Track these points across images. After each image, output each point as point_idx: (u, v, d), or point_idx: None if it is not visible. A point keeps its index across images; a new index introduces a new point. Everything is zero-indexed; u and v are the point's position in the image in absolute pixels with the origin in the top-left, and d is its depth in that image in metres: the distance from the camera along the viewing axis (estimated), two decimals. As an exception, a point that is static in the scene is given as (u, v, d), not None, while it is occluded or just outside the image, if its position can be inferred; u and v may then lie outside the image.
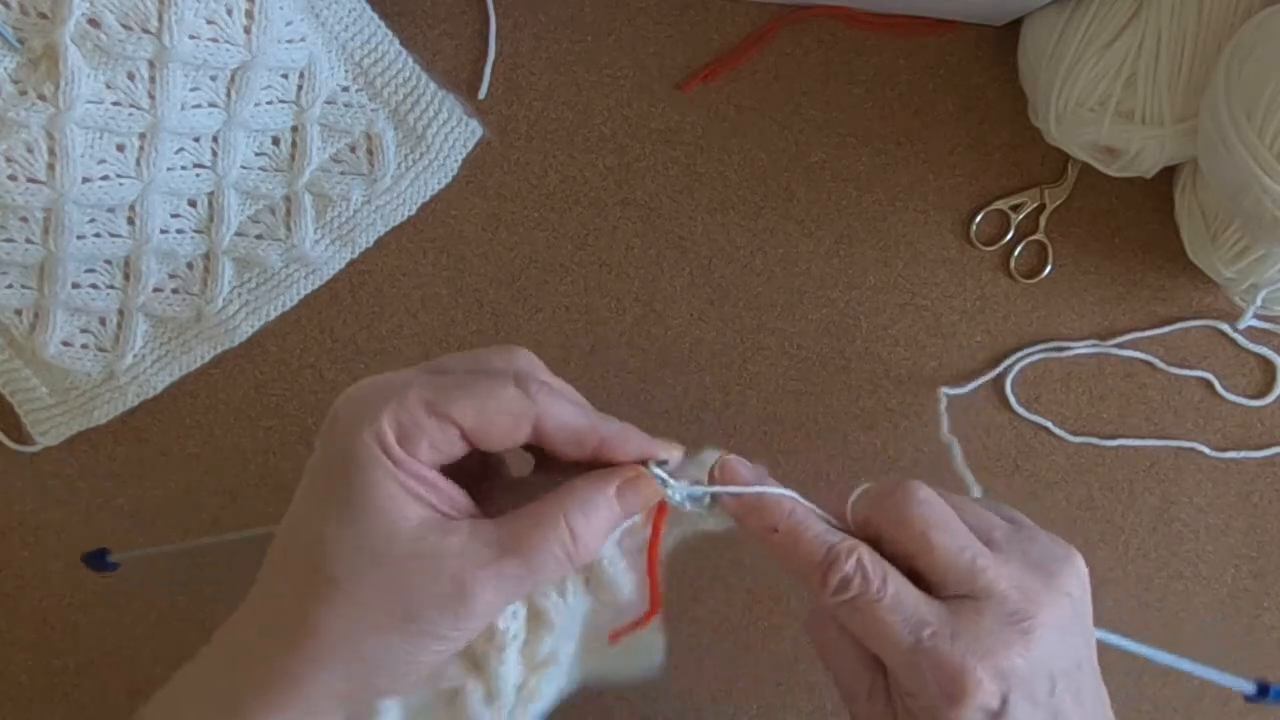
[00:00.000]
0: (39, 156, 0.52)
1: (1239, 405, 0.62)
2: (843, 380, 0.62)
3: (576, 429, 0.36)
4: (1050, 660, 0.35)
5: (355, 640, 0.33)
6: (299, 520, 0.35)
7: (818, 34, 0.62)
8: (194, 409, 0.62)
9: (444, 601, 0.33)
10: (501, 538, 0.34)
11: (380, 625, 0.33)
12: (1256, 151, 0.48)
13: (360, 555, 0.33)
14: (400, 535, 0.33)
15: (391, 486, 0.33)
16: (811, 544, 0.37)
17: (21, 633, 0.62)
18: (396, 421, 0.34)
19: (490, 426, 0.35)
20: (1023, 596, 0.35)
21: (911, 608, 0.35)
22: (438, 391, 0.34)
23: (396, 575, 0.33)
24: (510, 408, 0.35)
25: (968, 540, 0.36)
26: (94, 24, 0.50)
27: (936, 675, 0.34)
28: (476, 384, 0.35)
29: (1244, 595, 0.62)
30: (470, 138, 0.60)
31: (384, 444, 0.33)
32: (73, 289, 0.58)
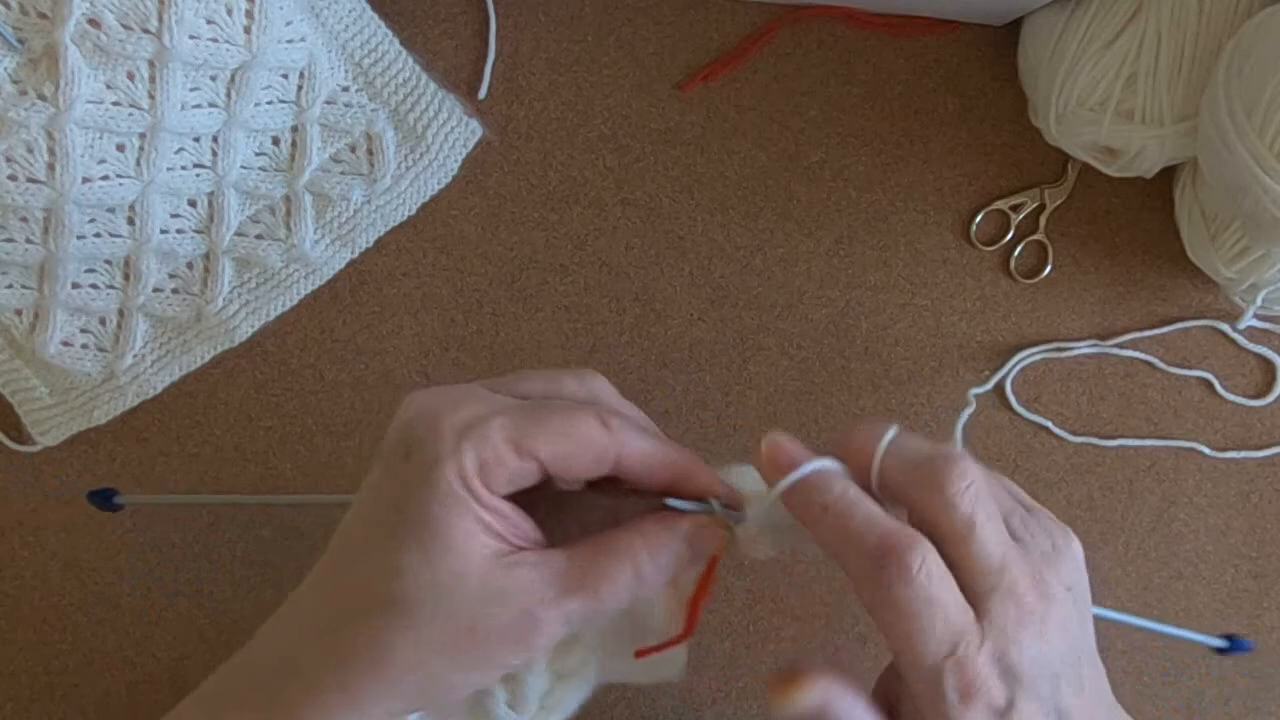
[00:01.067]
0: (39, 156, 0.52)
1: (1239, 405, 0.62)
2: (843, 380, 0.62)
3: (652, 465, 0.36)
4: (1054, 657, 0.35)
5: (422, 666, 0.34)
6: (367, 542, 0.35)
7: (818, 34, 0.62)
8: (194, 409, 0.62)
9: (511, 633, 0.34)
10: (570, 573, 0.35)
11: (449, 654, 0.34)
12: (1256, 151, 0.48)
13: (434, 586, 0.34)
14: (474, 569, 0.34)
15: (469, 521, 0.34)
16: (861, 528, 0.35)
17: (21, 633, 0.62)
18: (479, 457, 0.34)
19: (572, 463, 0.35)
20: (1038, 594, 0.34)
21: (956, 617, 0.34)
22: (521, 426, 0.34)
23: (468, 608, 0.34)
24: (593, 445, 0.35)
25: (1003, 535, 0.35)
26: (94, 24, 0.50)
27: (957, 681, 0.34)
28: (559, 418, 0.35)
29: (1244, 595, 0.62)
30: (470, 138, 0.60)
31: (465, 479, 0.34)
32: (73, 289, 0.58)
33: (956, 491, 0.34)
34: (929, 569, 0.33)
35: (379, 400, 0.62)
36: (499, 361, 0.62)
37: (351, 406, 0.62)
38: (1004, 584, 0.34)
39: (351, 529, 0.37)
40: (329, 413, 0.62)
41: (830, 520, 0.35)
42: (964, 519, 0.34)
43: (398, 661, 0.34)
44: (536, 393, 0.37)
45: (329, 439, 0.62)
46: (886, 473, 0.36)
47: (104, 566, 0.62)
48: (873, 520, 0.35)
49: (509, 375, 0.38)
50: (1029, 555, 0.35)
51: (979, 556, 0.34)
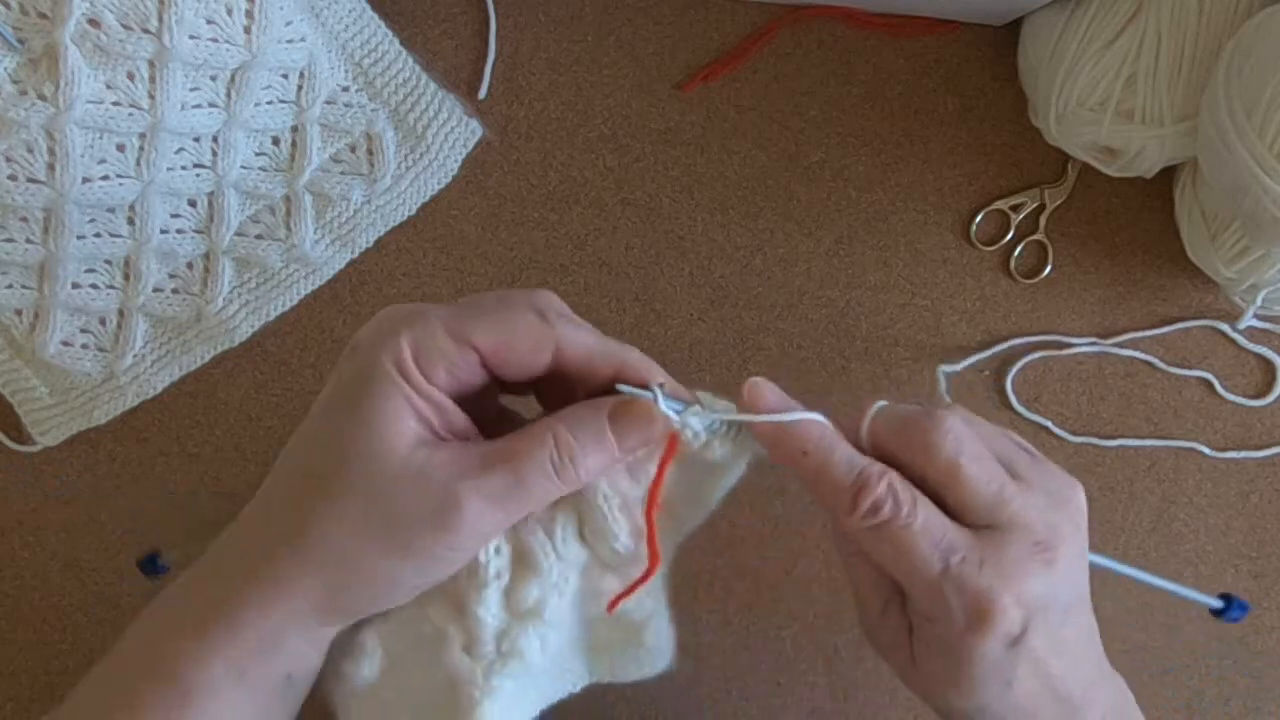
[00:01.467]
0: (39, 156, 0.52)
1: (1239, 405, 0.62)
2: (843, 380, 0.62)
3: (595, 354, 0.36)
4: (1064, 591, 0.36)
5: (339, 546, 0.34)
6: (304, 430, 0.36)
7: (818, 34, 0.62)
8: (194, 409, 0.62)
9: (430, 516, 0.33)
10: (490, 453, 0.35)
11: (365, 534, 0.34)
12: (1256, 151, 0.48)
13: (353, 464, 0.34)
14: (395, 449, 0.34)
15: (396, 402, 0.34)
16: (840, 467, 0.36)
17: (21, 633, 0.62)
18: (415, 341, 0.34)
19: (510, 351, 0.35)
20: (1046, 528, 0.35)
21: (940, 534, 0.35)
22: (458, 315, 0.35)
23: (385, 486, 0.33)
24: (530, 333, 0.35)
25: (995, 471, 0.36)
26: (94, 24, 0.50)
27: (961, 601, 0.34)
28: (496, 308, 0.35)
29: (1244, 595, 0.62)
30: (470, 138, 0.60)
31: (399, 361, 0.34)
32: (73, 289, 0.58)
33: (937, 438, 0.35)
34: (896, 493, 0.35)
35: (379, 400, 0.62)
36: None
37: (351, 406, 0.62)
38: (1007, 516, 0.35)
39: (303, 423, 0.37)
40: (329, 413, 0.62)
41: (808, 461, 0.36)
42: (948, 462, 0.35)
43: (315, 540, 0.34)
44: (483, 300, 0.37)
45: (329, 439, 0.62)
46: (876, 436, 0.37)
47: (104, 566, 0.62)
48: (847, 459, 0.36)
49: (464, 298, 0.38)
50: (1034, 492, 0.36)
51: (970, 493, 0.35)
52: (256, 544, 0.35)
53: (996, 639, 0.34)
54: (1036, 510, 0.36)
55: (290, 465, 0.36)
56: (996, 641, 0.35)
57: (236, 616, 0.34)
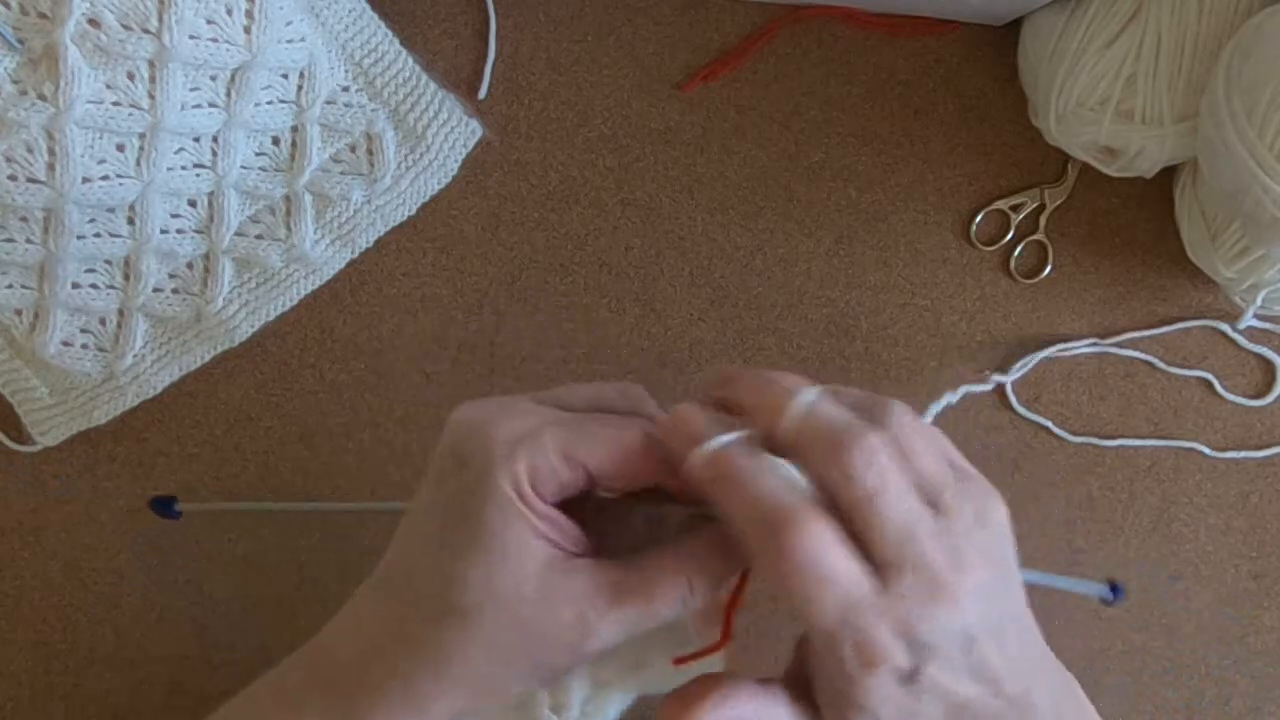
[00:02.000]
0: (39, 156, 0.52)
1: (1239, 405, 0.62)
2: (842, 380, 0.62)
3: None
4: (969, 623, 0.34)
5: (482, 670, 0.35)
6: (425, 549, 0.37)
7: (818, 34, 0.62)
8: (194, 409, 0.62)
9: (566, 637, 0.35)
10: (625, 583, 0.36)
11: (507, 658, 0.35)
12: (1256, 151, 0.48)
13: (494, 593, 0.35)
14: (530, 575, 0.35)
15: (523, 528, 0.35)
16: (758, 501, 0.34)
17: (21, 633, 0.62)
18: (532, 465, 0.35)
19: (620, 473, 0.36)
20: (949, 565, 0.34)
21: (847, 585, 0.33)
22: (571, 436, 0.36)
23: (527, 612, 0.35)
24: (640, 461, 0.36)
25: (909, 507, 0.34)
26: (94, 24, 0.50)
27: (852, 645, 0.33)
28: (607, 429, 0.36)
29: (1244, 595, 0.62)
30: (470, 138, 0.60)
31: (518, 487, 0.35)
32: (73, 289, 0.58)
33: (857, 465, 0.33)
34: (815, 539, 0.33)
35: (379, 400, 0.62)
36: (499, 362, 0.62)
37: (351, 407, 0.62)
38: (910, 555, 0.33)
39: (410, 535, 0.38)
40: (329, 413, 0.62)
41: (728, 493, 0.35)
42: (863, 491, 0.33)
43: (457, 665, 0.35)
44: (580, 404, 0.39)
45: (329, 439, 0.62)
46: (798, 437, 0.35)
47: (104, 566, 0.62)
48: (767, 493, 0.34)
49: (554, 389, 0.40)
50: (950, 526, 0.34)
51: (880, 529, 0.33)
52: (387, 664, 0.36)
53: (884, 677, 0.33)
54: (942, 546, 0.34)
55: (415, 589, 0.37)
56: (884, 680, 0.34)
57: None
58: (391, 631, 0.37)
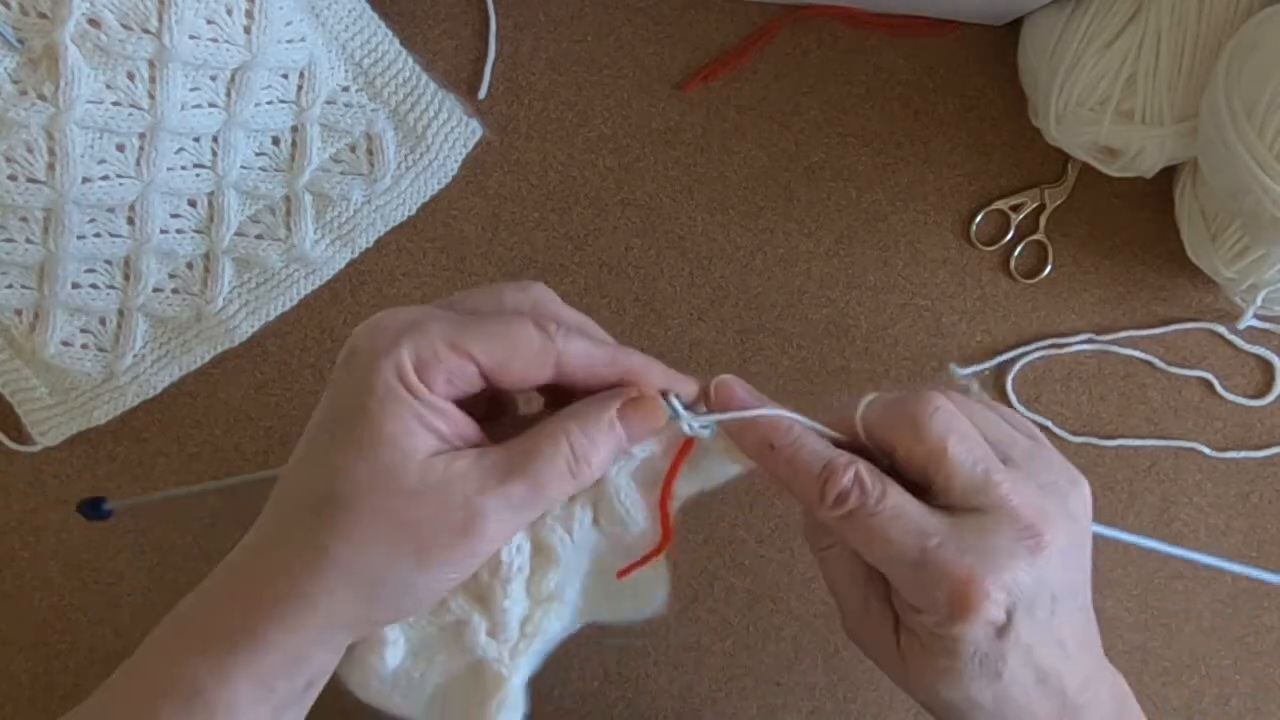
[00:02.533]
0: (39, 156, 0.52)
1: (1239, 405, 0.62)
2: (843, 380, 0.62)
3: (597, 366, 0.37)
4: (1054, 580, 0.35)
5: (368, 565, 0.34)
6: (311, 449, 0.36)
7: (818, 34, 0.62)
8: (194, 409, 0.62)
9: (454, 528, 0.34)
10: (507, 461, 0.35)
11: (393, 551, 0.34)
12: (1256, 151, 0.48)
13: (373, 483, 0.34)
14: (412, 465, 0.34)
15: (406, 417, 0.34)
16: (808, 459, 0.36)
17: (21, 633, 0.62)
18: (416, 353, 0.34)
19: (509, 366, 0.35)
20: (1034, 513, 0.35)
21: (914, 519, 0.34)
22: (459, 328, 0.35)
23: (408, 503, 0.34)
24: (530, 350, 0.35)
25: (983, 453, 0.35)
26: (94, 24, 0.50)
27: (943, 587, 0.34)
28: (497, 322, 0.36)
29: (1244, 595, 0.62)
30: (470, 138, 0.60)
31: (402, 374, 0.34)
32: (73, 289, 0.58)
33: (922, 418, 0.35)
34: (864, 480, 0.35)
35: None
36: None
37: (351, 406, 0.62)
38: (992, 500, 0.34)
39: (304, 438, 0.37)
40: (329, 413, 0.62)
41: (776, 455, 0.36)
42: (934, 441, 0.35)
43: (340, 559, 0.34)
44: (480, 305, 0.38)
45: (329, 439, 0.62)
46: (869, 427, 0.37)
47: (104, 566, 0.62)
48: (815, 451, 0.36)
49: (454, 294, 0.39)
50: (1025, 478, 0.35)
51: (954, 474, 0.35)
52: (274, 565, 0.35)
53: (980, 626, 0.34)
54: (1024, 495, 0.35)
55: (300, 486, 0.36)
56: (980, 629, 0.34)
57: (263, 636, 0.34)
58: (278, 532, 0.36)
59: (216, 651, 0.34)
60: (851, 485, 0.35)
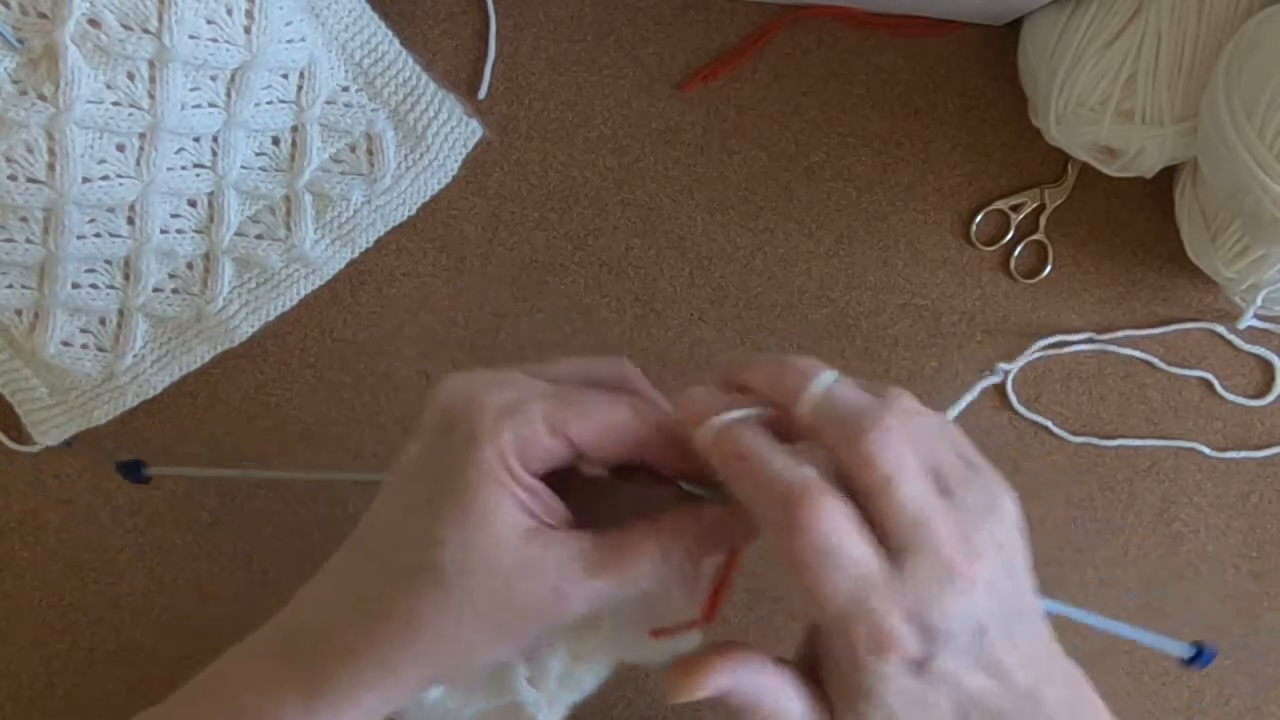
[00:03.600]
0: (39, 156, 0.52)
1: (1239, 405, 0.62)
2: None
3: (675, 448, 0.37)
4: (979, 611, 0.34)
5: (454, 637, 0.35)
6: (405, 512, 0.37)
7: (818, 34, 0.62)
8: (194, 409, 0.62)
9: (540, 607, 0.35)
10: (599, 553, 0.36)
11: (481, 625, 0.35)
12: (1256, 151, 0.48)
13: (471, 558, 0.35)
14: (509, 544, 0.35)
15: (505, 498, 0.35)
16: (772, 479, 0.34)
17: (21, 633, 0.62)
18: (518, 435, 0.35)
19: (605, 446, 0.37)
20: (958, 550, 0.34)
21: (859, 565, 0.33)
22: (558, 408, 0.36)
23: (502, 581, 0.35)
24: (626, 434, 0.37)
25: (922, 489, 0.34)
26: (94, 24, 0.50)
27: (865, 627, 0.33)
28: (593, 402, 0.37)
29: (1244, 595, 0.62)
30: (470, 138, 0.60)
31: (503, 456, 0.35)
32: (73, 289, 0.58)
33: (874, 448, 0.33)
34: (830, 519, 0.33)
35: (379, 400, 0.62)
36: (499, 362, 0.62)
37: (351, 406, 0.62)
38: (923, 540, 0.33)
39: (389, 500, 0.38)
40: (329, 413, 0.62)
41: (742, 469, 0.35)
42: (880, 474, 0.33)
43: (430, 631, 0.35)
44: (570, 378, 0.39)
45: (329, 439, 0.62)
46: (815, 421, 0.35)
47: (104, 566, 0.62)
48: (780, 469, 0.34)
49: (545, 363, 0.40)
50: (958, 511, 0.34)
51: (896, 511, 0.33)
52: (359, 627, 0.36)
53: (896, 664, 0.34)
54: (954, 532, 0.34)
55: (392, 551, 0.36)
56: (896, 667, 0.34)
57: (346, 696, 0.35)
58: (365, 593, 0.36)
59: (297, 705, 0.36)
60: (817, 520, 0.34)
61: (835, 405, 0.35)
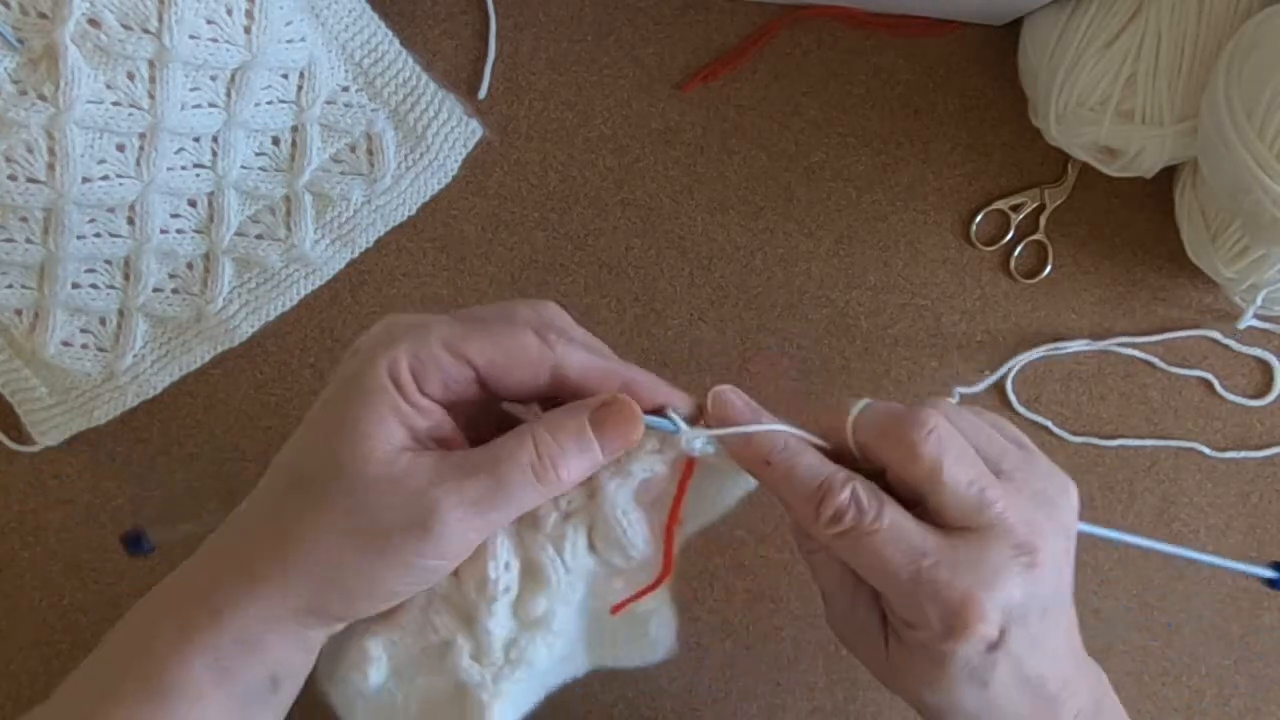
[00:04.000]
0: (39, 156, 0.52)
1: (1238, 405, 0.62)
2: (843, 380, 0.62)
3: (593, 376, 0.36)
4: (1046, 592, 0.35)
5: (320, 551, 0.34)
6: (297, 435, 0.36)
7: (818, 34, 0.62)
8: (194, 409, 0.62)
9: (411, 522, 0.34)
10: (470, 460, 0.35)
11: (347, 538, 0.34)
12: (1256, 151, 0.48)
13: (335, 470, 0.34)
14: (377, 455, 0.34)
15: (384, 411, 0.34)
16: (805, 476, 0.36)
17: (21, 633, 0.62)
18: (413, 352, 0.35)
19: (504, 371, 0.35)
20: (1028, 530, 0.35)
21: (909, 539, 0.34)
22: (459, 332, 0.35)
23: (364, 492, 0.34)
24: (525, 354, 0.35)
25: (978, 473, 0.35)
26: (94, 24, 0.50)
27: (937, 607, 0.34)
28: (497, 329, 0.36)
29: (1244, 595, 0.62)
30: (470, 138, 0.60)
31: (394, 371, 0.34)
32: (73, 289, 0.58)
33: (918, 439, 0.35)
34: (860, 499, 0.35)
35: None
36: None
37: (351, 406, 0.62)
38: (988, 519, 0.35)
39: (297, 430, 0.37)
40: (329, 413, 0.62)
41: (773, 471, 0.36)
42: (929, 463, 0.34)
43: (298, 544, 0.34)
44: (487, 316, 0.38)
45: (329, 439, 0.62)
46: (859, 436, 0.37)
47: (104, 566, 0.62)
48: (809, 467, 0.36)
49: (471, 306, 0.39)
50: (1019, 493, 0.36)
51: (951, 494, 0.35)
52: (243, 546, 0.36)
53: (974, 644, 0.34)
54: (1019, 511, 0.35)
55: (280, 470, 0.36)
56: (974, 647, 0.34)
57: (218, 616, 0.34)
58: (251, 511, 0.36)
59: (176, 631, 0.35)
60: (848, 504, 0.35)
61: (874, 414, 0.37)
